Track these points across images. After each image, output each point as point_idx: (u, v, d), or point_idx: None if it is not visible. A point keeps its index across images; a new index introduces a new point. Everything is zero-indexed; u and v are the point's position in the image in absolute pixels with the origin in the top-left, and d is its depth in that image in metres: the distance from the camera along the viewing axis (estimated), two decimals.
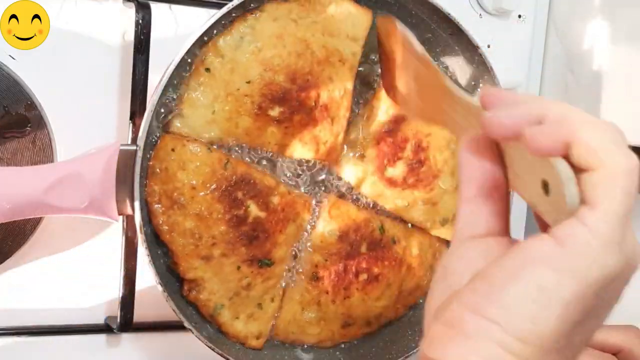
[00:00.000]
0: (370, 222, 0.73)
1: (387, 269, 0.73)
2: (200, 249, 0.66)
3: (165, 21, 0.73)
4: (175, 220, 0.65)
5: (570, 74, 0.89)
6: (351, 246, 0.71)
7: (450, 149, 0.74)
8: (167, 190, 0.65)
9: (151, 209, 0.65)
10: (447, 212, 0.76)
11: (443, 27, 0.74)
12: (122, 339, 0.75)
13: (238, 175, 0.66)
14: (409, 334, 0.77)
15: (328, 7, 0.69)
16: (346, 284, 0.72)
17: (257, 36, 0.66)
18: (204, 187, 0.65)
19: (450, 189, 0.75)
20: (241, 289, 0.68)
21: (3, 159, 0.66)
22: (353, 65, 0.71)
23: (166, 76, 0.62)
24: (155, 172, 0.65)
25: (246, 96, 0.66)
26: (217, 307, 0.68)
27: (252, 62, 0.66)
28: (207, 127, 0.66)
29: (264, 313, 0.71)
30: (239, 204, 0.66)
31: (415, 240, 0.75)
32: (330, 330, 0.73)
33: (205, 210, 0.65)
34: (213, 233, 0.66)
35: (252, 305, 0.70)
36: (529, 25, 0.89)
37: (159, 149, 0.65)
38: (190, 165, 0.65)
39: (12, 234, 0.67)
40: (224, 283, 0.67)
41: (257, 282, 0.69)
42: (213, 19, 0.64)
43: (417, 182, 0.74)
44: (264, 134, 0.67)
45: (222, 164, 0.66)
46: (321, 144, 0.70)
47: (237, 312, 0.69)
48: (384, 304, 0.74)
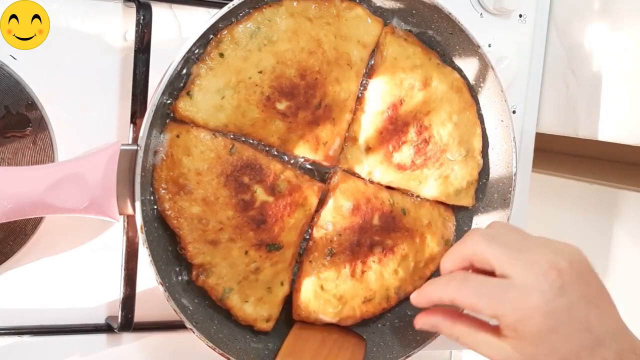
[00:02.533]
0: (379, 195, 0.73)
1: (401, 240, 0.74)
2: (208, 233, 0.66)
3: (166, 21, 0.73)
4: (181, 206, 0.65)
5: (571, 74, 0.89)
6: (363, 219, 0.72)
7: (452, 121, 0.75)
8: (173, 176, 0.65)
9: (158, 195, 0.65)
10: (460, 182, 0.76)
11: (444, 26, 0.74)
12: (123, 338, 0.75)
13: (244, 160, 0.67)
14: (410, 334, 0.77)
15: (342, 11, 0.70)
16: (362, 257, 0.72)
17: (273, 28, 0.67)
18: (209, 172, 0.65)
19: (460, 159, 0.76)
20: (250, 273, 0.69)
21: (4, 158, 0.66)
22: (360, 70, 0.72)
23: (167, 76, 0.62)
24: (161, 158, 0.65)
25: (256, 86, 0.66)
26: (225, 290, 0.68)
27: (266, 53, 0.66)
28: (214, 112, 0.66)
29: (274, 296, 0.71)
30: (245, 189, 0.66)
31: (424, 210, 0.76)
32: (351, 307, 0.73)
33: (211, 195, 0.65)
34: (220, 218, 0.66)
35: (261, 289, 0.70)
36: (530, 25, 0.89)
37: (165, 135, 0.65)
38: (195, 151, 0.65)
39: (13, 233, 0.67)
40: (232, 267, 0.68)
41: (265, 266, 0.69)
42: (214, 18, 0.64)
43: (425, 160, 0.74)
44: (268, 127, 0.68)
45: (227, 149, 0.66)
46: (321, 143, 0.70)
47: (246, 296, 0.70)
48: (402, 276, 0.75)
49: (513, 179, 0.76)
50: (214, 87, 0.65)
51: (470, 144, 0.76)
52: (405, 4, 0.73)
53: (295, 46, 0.67)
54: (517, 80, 0.89)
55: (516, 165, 0.76)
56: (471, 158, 0.76)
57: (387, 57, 0.72)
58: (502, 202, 0.77)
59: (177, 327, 0.74)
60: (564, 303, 0.57)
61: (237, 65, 0.66)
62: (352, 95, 0.71)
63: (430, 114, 0.74)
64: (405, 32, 0.74)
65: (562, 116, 0.90)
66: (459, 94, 0.75)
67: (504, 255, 0.59)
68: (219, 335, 0.69)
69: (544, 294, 0.57)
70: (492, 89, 0.76)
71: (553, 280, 0.57)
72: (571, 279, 0.58)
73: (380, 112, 0.72)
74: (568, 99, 0.90)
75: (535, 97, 0.91)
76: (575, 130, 0.89)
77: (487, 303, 0.59)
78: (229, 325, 0.71)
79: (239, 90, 0.66)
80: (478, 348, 0.62)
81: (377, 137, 0.73)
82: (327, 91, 0.69)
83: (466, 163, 0.76)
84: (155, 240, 0.66)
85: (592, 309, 0.58)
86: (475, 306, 0.59)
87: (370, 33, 0.72)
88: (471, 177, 0.77)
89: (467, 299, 0.60)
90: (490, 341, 0.60)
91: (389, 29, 0.73)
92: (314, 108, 0.69)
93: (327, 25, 0.70)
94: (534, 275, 0.58)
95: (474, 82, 0.76)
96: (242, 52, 0.66)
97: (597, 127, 0.86)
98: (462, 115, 0.75)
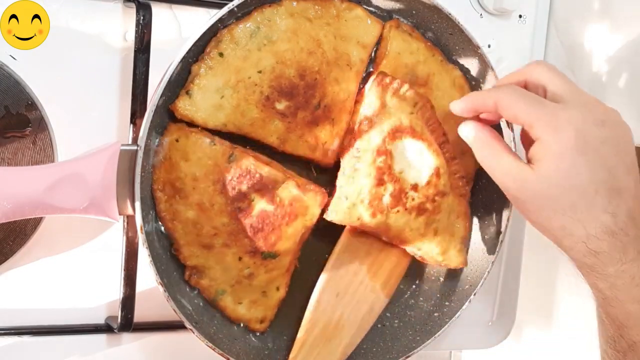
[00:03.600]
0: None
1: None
2: (202, 238, 0.66)
3: (166, 21, 0.73)
4: (177, 209, 0.65)
5: (571, 74, 0.89)
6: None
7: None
8: (170, 179, 0.65)
9: (155, 195, 0.65)
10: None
11: (444, 26, 0.74)
12: (123, 339, 0.75)
13: (243, 169, 0.66)
14: (410, 334, 0.77)
15: (342, 12, 0.70)
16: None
17: (273, 28, 0.67)
18: (206, 179, 0.65)
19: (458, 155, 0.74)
20: (243, 278, 0.69)
21: (4, 158, 0.66)
22: (359, 70, 0.72)
23: (167, 76, 0.62)
24: (160, 160, 0.65)
25: (256, 85, 0.66)
26: (218, 292, 0.69)
27: (266, 53, 0.66)
28: (213, 111, 0.66)
29: (268, 300, 0.71)
30: (242, 197, 0.66)
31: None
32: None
33: (206, 201, 0.65)
34: (214, 224, 0.66)
35: (255, 293, 0.70)
36: (530, 25, 0.89)
37: (164, 137, 0.65)
38: (193, 157, 0.65)
39: (12, 234, 0.67)
40: (225, 271, 0.68)
41: (259, 272, 0.69)
42: (214, 18, 0.64)
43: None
44: (267, 126, 0.68)
45: (226, 157, 0.66)
46: (320, 143, 0.70)
47: (240, 298, 0.70)
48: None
49: None
50: (213, 87, 0.65)
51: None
52: (405, 4, 0.73)
53: (294, 46, 0.67)
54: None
55: None
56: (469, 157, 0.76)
57: (390, 51, 0.72)
58: (502, 202, 0.77)
59: (177, 327, 0.74)
60: (599, 135, 0.59)
61: (237, 65, 0.66)
62: (351, 95, 0.71)
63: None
64: (410, 27, 0.74)
65: None
66: (460, 92, 0.75)
67: (564, 82, 0.62)
68: (218, 335, 0.69)
69: (585, 117, 0.59)
70: None
71: (599, 113, 0.60)
72: (613, 126, 0.61)
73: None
74: None
75: None
76: None
77: (528, 107, 0.61)
78: (229, 325, 0.71)
79: (238, 90, 0.66)
80: (498, 169, 0.64)
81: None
82: (327, 91, 0.69)
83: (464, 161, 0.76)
84: (155, 240, 0.66)
85: (621, 161, 0.60)
86: (515, 108, 0.61)
87: (370, 34, 0.72)
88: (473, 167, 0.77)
89: (511, 100, 0.62)
90: (512, 163, 0.62)
91: (394, 23, 0.73)
92: (313, 108, 0.69)
93: (327, 26, 0.70)
94: (583, 104, 0.60)
95: (474, 82, 0.76)
96: (241, 51, 0.66)
97: None
98: None
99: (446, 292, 0.78)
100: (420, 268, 0.80)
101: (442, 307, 0.77)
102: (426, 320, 0.77)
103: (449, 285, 0.78)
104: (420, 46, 0.73)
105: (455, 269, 0.77)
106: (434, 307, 0.78)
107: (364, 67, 0.72)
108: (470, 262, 0.77)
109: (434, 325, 0.76)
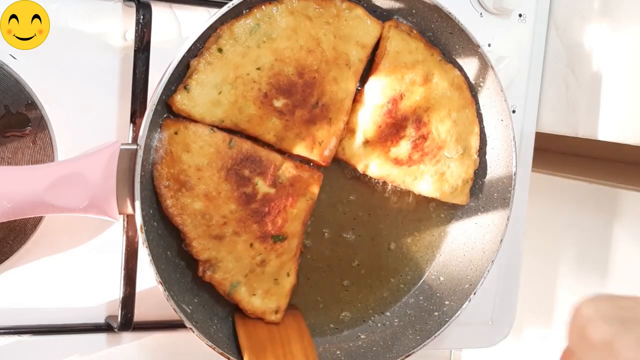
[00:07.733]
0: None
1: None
2: (212, 228, 0.66)
3: (166, 21, 0.73)
4: (184, 203, 0.65)
5: (571, 74, 0.89)
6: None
7: (451, 118, 0.75)
8: (174, 173, 0.65)
9: (160, 192, 0.65)
10: (455, 180, 0.77)
11: (443, 25, 0.74)
12: (123, 338, 0.75)
13: (244, 153, 0.67)
14: (409, 334, 0.77)
15: (342, 11, 0.70)
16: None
17: (273, 26, 0.67)
18: (209, 167, 0.66)
19: (456, 156, 0.76)
20: (256, 265, 0.69)
21: (4, 158, 0.66)
22: (358, 70, 0.72)
23: (166, 76, 0.62)
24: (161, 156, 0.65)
25: (254, 82, 0.66)
26: (233, 284, 0.69)
27: (265, 50, 0.67)
28: (210, 107, 0.66)
29: (281, 288, 0.72)
30: (246, 182, 0.67)
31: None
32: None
33: (213, 190, 0.66)
34: (223, 212, 0.66)
35: (268, 281, 0.71)
36: (530, 25, 0.89)
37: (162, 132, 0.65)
38: (194, 147, 0.65)
39: (12, 233, 0.67)
40: (238, 261, 0.68)
41: (271, 257, 0.69)
42: (213, 18, 0.64)
43: (422, 156, 0.75)
44: (265, 124, 0.68)
45: (226, 143, 0.66)
46: (317, 143, 0.70)
47: (254, 289, 0.70)
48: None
49: (513, 179, 0.76)
50: (211, 82, 0.65)
51: (467, 142, 0.76)
52: (405, 4, 0.73)
53: (294, 44, 0.68)
54: (517, 80, 0.89)
55: (516, 165, 0.76)
56: (468, 156, 0.77)
57: (389, 50, 0.72)
58: (502, 202, 0.77)
59: (177, 327, 0.74)
60: None
61: (236, 61, 0.66)
62: (349, 95, 0.71)
63: (430, 110, 0.74)
64: (409, 26, 0.74)
65: (562, 116, 0.90)
66: (459, 92, 0.75)
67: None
68: (218, 334, 0.69)
69: None
70: (492, 88, 0.76)
71: None
72: None
73: (380, 106, 0.73)
74: (568, 99, 0.90)
75: (535, 96, 0.91)
76: (575, 130, 0.89)
77: None
78: (229, 324, 0.71)
79: (236, 86, 0.66)
80: None
81: (375, 130, 0.73)
82: (325, 90, 0.69)
83: (462, 161, 0.76)
84: (155, 240, 0.66)
85: None
86: None
87: (369, 34, 0.72)
88: (467, 176, 0.77)
89: None
90: None
91: (392, 23, 0.73)
92: (311, 107, 0.69)
93: (327, 25, 0.70)
94: None
95: (474, 81, 0.76)
96: (240, 48, 0.66)
97: (597, 126, 0.86)
98: (461, 113, 0.76)
99: (446, 291, 0.78)
100: (421, 268, 0.80)
101: (442, 307, 0.77)
102: (426, 320, 0.77)
103: (449, 285, 0.78)
104: (419, 45, 0.74)
105: (456, 269, 0.77)
106: (434, 306, 0.78)
107: (362, 68, 0.72)
108: (470, 261, 0.77)
109: (433, 325, 0.76)
